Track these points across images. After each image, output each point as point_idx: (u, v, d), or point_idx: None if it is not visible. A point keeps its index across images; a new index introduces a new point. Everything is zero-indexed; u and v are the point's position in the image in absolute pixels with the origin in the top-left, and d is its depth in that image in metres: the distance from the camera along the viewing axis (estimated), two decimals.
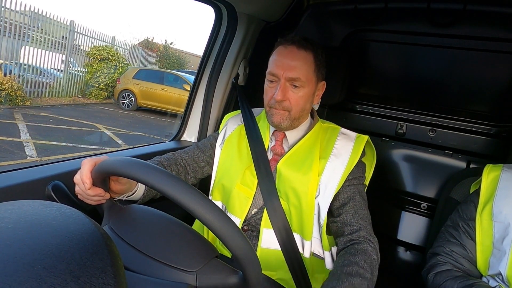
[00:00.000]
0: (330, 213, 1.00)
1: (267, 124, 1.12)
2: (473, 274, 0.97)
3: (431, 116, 1.60)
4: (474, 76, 1.50)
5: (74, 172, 0.88)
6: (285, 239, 0.97)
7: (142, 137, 7.19)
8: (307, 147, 1.04)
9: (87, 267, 0.34)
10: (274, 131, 1.10)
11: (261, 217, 1.00)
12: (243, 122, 1.17)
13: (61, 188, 0.84)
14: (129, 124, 8.23)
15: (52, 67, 9.22)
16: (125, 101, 9.94)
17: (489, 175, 0.99)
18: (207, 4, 1.31)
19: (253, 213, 1.03)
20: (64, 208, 0.43)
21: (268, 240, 0.99)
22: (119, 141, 6.47)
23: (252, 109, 1.22)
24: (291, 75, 0.97)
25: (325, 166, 0.99)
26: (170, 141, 1.53)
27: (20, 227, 0.37)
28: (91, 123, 7.38)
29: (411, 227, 1.68)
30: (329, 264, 1.00)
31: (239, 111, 1.25)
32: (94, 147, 5.91)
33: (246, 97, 1.32)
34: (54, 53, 9.15)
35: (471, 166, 1.55)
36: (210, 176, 1.16)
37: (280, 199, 0.99)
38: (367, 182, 1.09)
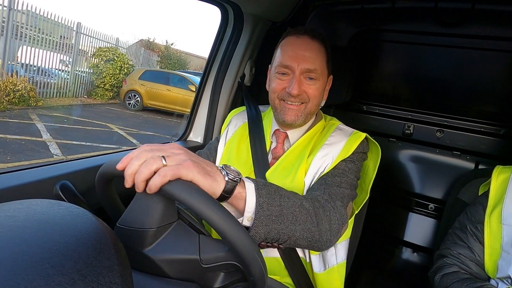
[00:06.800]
0: None
1: (269, 123, 1.05)
2: (480, 277, 0.96)
3: (438, 116, 1.58)
4: (482, 75, 1.48)
5: (82, 171, 0.89)
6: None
7: (154, 137, 7.35)
8: (300, 148, 0.97)
9: (94, 266, 0.34)
10: (276, 130, 1.02)
11: None
12: (246, 120, 1.10)
13: (69, 188, 0.84)
14: (138, 124, 8.39)
15: (60, 68, 9.40)
16: (131, 102, 10.14)
17: (499, 177, 0.97)
18: (213, 4, 1.31)
19: None
20: (72, 207, 0.43)
21: (268, 249, 0.92)
22: (134, 141, 6.66)
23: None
24: (308, 66, 0.90)
25: (311, 163, 0.91)
26: (177, 141, 1.54)
27: (29, 226, 0.37)
28: (103, 123, 7.56)
29: (419, 228, 1.66)
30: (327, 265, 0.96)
31: (243, 108, 1.20)
32: (112, 146, 6.09)
33: (252, 97, 1.32)
34: (61, 55, 9.31)
35: (480, 167, 1.53)
36: None
37: None
38: (370, 184, 1.01)
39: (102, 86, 10.48)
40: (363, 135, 0.96)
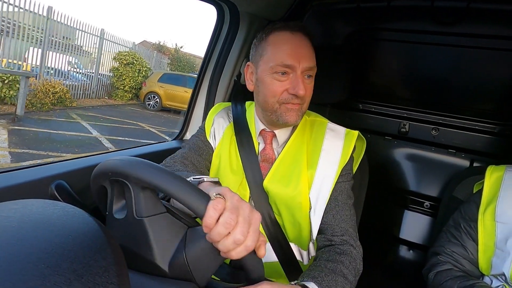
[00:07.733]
0: None
1: (252, 121, 1.00)
2: (473, 275, 0.97)
3: (434, 114, 1.59)
4: (477, 74, 1.49)
5: (77, 171, 0.88)
6: (282, 251, 0.93)
7: None
8: (294, 151, 0.93)
9: (90, 266, 0.34)
10: (262, 130, 0.97)
11: None
12: (231, 120, 1.05)
13: (64, 188, 0.84)
14: (163, 123, 9.06)
15: (75, 70, 10.15)
16: (151, 102, 11.05)
17: (492, 175, 0.98)
18: (209, 3, 1.30)
19: None
20: (67, 207, 0.43)
21: (267, 253, 0.92)
22: (168, 138, 7.26)
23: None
24: (309, 64, 0.86)
25: (314, 176, 0.90)
26: (173, 140, 1.54)
27: (24, 226, 0.37)
28: (134, 122, 8.37)
29: (414, 226, 1.68)
30: None
31: (223, 105, 1.14)
32: (151, 141, 6.67)
33: (245, 96, 1.31)
34: (69, 57, 9.74)
35: (475, 164, 1.54)
36: None
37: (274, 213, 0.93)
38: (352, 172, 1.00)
39: (122, 88, 11.20)
40: (356, 133, 0.95)
